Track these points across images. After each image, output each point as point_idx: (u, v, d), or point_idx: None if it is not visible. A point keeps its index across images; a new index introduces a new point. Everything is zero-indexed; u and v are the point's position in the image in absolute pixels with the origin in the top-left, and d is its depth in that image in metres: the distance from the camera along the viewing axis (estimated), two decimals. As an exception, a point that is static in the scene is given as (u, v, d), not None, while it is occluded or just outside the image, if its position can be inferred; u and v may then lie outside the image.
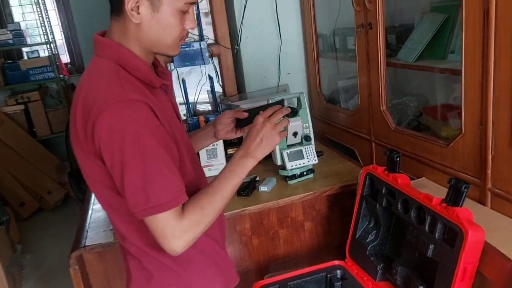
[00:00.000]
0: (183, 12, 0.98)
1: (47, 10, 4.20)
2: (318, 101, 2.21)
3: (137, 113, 0.90)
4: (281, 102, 1.20)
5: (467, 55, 1.24)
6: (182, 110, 2.21)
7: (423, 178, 1.54)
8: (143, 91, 0.96)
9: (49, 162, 3.98)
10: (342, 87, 2.24)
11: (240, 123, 1.32)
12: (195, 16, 1.05)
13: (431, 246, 1.09)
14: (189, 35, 1.66)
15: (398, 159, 1.28)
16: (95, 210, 1.69)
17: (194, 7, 1.01)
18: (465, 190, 1.06)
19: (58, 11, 4.51)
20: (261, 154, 1.07)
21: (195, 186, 1.07)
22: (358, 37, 1.73)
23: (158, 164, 0.91)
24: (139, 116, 0.90)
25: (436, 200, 1.11)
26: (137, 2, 0.94)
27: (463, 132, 1.32)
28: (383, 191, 1.31)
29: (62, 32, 4.59)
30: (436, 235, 1.08)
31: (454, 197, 1.07)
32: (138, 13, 0.94)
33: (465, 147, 1.33)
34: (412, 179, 1.47)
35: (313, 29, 2.13)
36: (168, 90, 1.10)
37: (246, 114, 1.27)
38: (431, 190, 1.41)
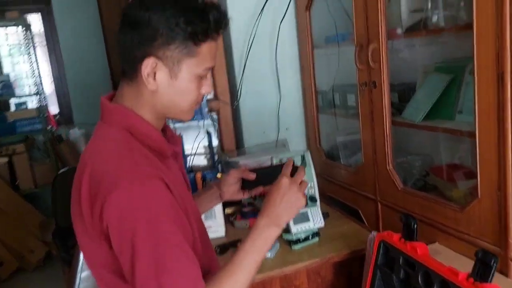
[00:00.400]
0: (201, 77, 0.93)
1: (37, 61, 4.17)
2: (318, 157, 2.15)
3: (151, 192, 0.82)
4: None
5: (481, 118, 1.20)
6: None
7: (436, 243, 1.46)
8: (155, 162, 0.88)
9: (32, 218, 3.79)
10: (341, 142, 2.19)
11: (247, 184, 1.25)
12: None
13: (461, 328, 0.99)
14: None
15: (415, 226, 1.21)
16: (83, 279, 1.56)
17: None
18: (494, 264, 0.98)
19: (50, 62, 4.49)
20: (286, 220, 0.99)
21: (204, 263, 0.97)
22: (361, 95, 1.70)
23: (173, 250, 0.82)
24: (153, 195, 0.82)
25: (463, 275, 1.03)
26: (154, 68, 0.88)
27: (479, 196, 1.26)
28: (400, 262, 1.22)
29: (52, 83, 4.54)
30: (466, 315, 0.99)
31: (482, 272, 1.00)
32: (155, 80, 0.89)
33: (482, 212, 1.26)
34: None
35: (313, 85, 2.11)
36: (178, 157, 1.03)
37: (253, 176, 1.21)
38: (446, 257, 1.33)
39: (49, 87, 4.55)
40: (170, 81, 0.89)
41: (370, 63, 1.57)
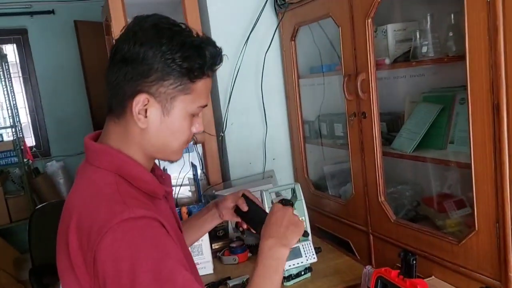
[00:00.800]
0: (193, 115, 0.88)
1: (14, 93, 4.06)
2: (306, 188, 2.11)
3: (147, 233, 0.75)
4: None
5: (476, 149, 1.19)
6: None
7: (433, 277, 1.42)
8: (148, 205, 0.82)
9: (7, 255, 3.58)
10: (328, 172, 2.17)
11: (238, 212, 1.23)
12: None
13: None
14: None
15: (415, 262, 1.17)
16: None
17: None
18: (501, 302, 0.94)
19: (26, 93, 4.38)
20: (292, 239, 0.97)
21: None
22: (350, 126, 1.68)
23: None
24: (149, 235, 0.75)
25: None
26: (146, 105, 0.83)
27: (476, 229, 1.24)
28: (400, 299, 1.17)
29: (28, 115, 4.42)
30: None
31: (489, 310, 0.96)
32: (146, 117, 0.83)
33: (480, 245, 1.24)
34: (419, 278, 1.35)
35: (299, 115, 2.09)
36: (168, 197, 0.97)
37: (246, 208, 1.20)
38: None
39: (25, 119, 4.43)
40: (163, 118, 0.84)
41: (359, 93, 1.56)
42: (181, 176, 2.11)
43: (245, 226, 1.25)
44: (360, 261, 1.66)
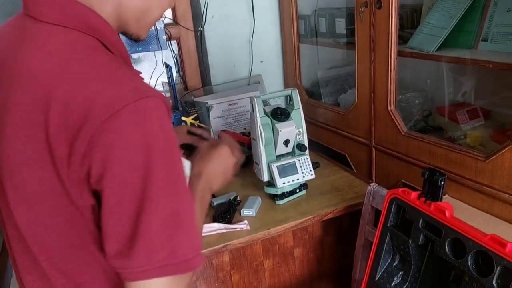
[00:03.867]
0: None
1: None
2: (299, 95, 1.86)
3: (165, 121, 0.59)
4: None
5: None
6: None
7: (446, 196, 1.24)
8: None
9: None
10: (322, 78, 1.91)
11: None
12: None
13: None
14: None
15: (443, 183, 0.97)
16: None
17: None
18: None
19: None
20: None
21: None
22: (359, 19, 1.39)
23: (188, 199, 0.62)
24: (166, 124, 0.60)
25: (511, 246, 0.81)
26: None
27: (512, 143, 1.03)
28: (420, 225, 0.99)
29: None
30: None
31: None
32: None
33: (515, 162, 1.04)
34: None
35: (293, 8, 1.77)
36: None
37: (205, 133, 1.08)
38: (463, 213, 1.13)
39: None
40: None
41: (376, -24, 1.25)
42: (153, 81, 1.82)
43: None
44: (360, 177, 1.49)
